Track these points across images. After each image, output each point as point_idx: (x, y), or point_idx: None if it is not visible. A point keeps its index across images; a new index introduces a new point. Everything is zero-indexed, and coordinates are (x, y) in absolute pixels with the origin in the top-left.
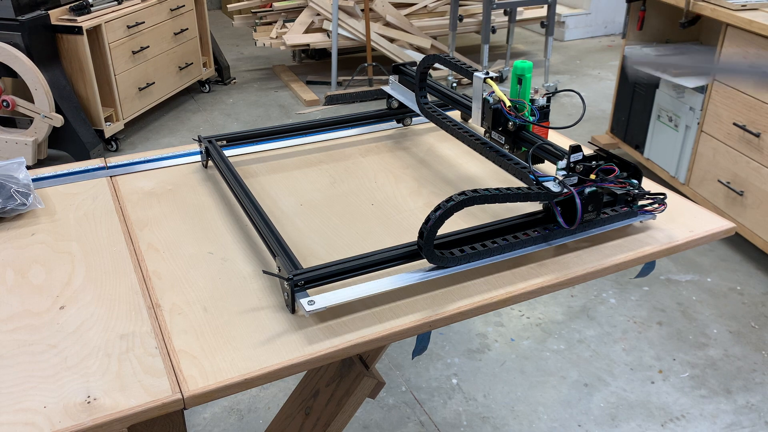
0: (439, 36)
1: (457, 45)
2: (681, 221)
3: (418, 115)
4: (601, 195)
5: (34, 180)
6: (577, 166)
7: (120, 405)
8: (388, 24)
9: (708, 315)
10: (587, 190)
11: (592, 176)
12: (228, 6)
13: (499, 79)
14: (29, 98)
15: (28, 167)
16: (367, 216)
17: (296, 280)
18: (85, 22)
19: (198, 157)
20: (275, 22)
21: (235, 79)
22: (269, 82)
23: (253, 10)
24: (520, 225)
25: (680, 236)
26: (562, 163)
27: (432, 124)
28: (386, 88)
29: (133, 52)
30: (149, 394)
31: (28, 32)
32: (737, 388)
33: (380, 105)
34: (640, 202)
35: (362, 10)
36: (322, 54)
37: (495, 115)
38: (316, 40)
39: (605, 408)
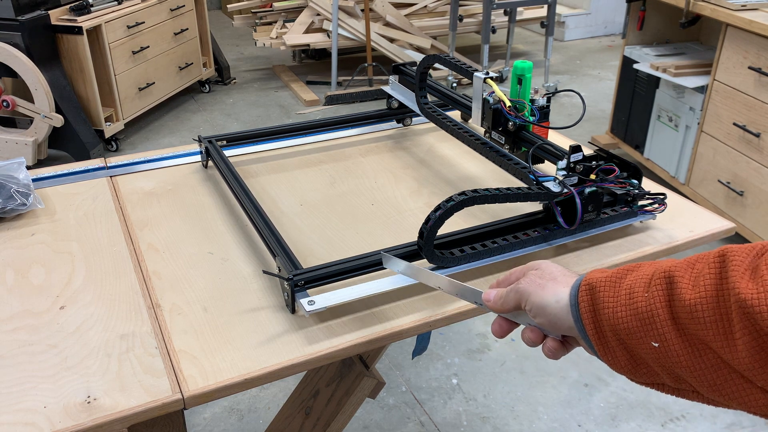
0: (439, 36)
1: (457, 45)
2: (681, 221)
3: (418, 115)
4: (601, 195)
5: (34, 180)
6: (577, 166)
7: (120, 405)
8: (388, 24)
9: None
10: (587, 190)
11: (592, 176)
12: (228, 6)
13: (499, 79)
14: (29, 98)
15: (28, 167)
16: (367, 216)
17: (296, 280)
18: (85, 22)
19: (198, 157)
20: (275, 22)
21: (235, 79)
22: (269, 82)
23: (253, 10)
24: (520, 225)
25: (680, 236)
26: (562, 163)
27: (432, 124)
28: (386, 88)
29: (133, 52)
30: (149, 394)
31: (28, 32)
32: None
33: (380, 105)
34: (640, 202)
35: (362, 10)
36: (322, 54)
37: (495, 115)
38: (316, 40)
39: (605, 408)
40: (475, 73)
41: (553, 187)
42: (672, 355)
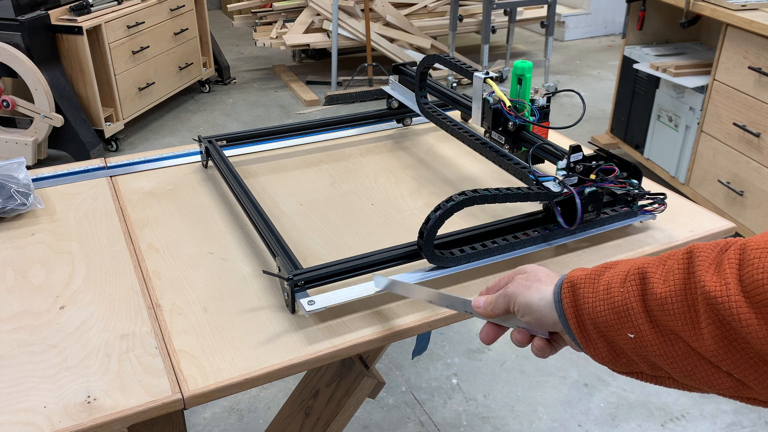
0: (439, 36)
1: (457, 45)
2: (681, 221)
3: (418, 115)
4: (601, 195)
5: (34, 180)
6: (577, 166)
7: (120, 405)
8: (388, 24)
9: None
10: (587, 190)
11: (592, 176)
12: (228, 6)
13: (499, 79)
14: (29, 98)
15: (28, 167)
16: (367, 216)
17: (296, 280)
18: (85, 22)
19: (198, 157)
20: (275, 22)
21: (235, 79)
22: (269, 82)
23: (253, 10)
24: (520, 225)
25: (680, 236)
26: (562, 163)
27: (432, 124)
28: (386, 88)
29: (133, 52)
30: (149, 394)
31: (28, 32)
32: None
33: (380, 105)
34: (640, 202)
35: (362, 10)
36: (322, 54)
37: (495, 115)
38: (316, 40)
39: (605, 408)
40: (475, 73)
41: (553, 187)
42: (646, 344)
